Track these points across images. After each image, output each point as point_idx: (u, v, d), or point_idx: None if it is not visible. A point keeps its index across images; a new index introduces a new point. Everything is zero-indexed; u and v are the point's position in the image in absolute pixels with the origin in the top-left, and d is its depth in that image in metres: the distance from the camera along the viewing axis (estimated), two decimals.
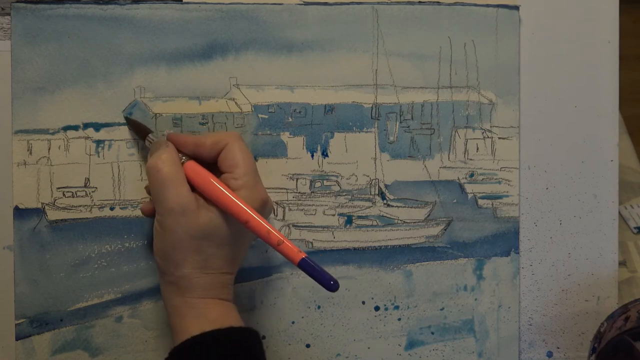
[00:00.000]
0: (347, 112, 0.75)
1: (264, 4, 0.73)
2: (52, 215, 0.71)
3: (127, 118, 0.72)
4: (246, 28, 0.73)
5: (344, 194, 0.75)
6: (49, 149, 0.72)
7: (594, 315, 0.79)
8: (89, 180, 0.72)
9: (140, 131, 0.70)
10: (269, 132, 0.74)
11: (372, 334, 0.77)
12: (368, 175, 0.75)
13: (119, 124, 0.72)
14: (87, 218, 0.72)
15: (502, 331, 0.78)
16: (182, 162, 0.65)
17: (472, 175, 0.77)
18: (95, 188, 0.72)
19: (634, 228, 0.96)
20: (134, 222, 0.73)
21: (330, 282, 0.62)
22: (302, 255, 0.62)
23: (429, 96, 0.76)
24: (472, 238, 0.77)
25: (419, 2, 0.75)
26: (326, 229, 0.75)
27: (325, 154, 0.75)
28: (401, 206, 0.76)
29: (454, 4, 0.76)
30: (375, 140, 0.75)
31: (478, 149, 0.77)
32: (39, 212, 0.71)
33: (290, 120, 0.74)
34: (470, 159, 0.77)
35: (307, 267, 0.62)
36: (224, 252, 0.65)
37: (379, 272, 0.76)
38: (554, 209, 0.78)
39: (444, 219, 0.77)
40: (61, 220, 0.72)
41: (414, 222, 0.76)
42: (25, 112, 0.71)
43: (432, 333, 0.77)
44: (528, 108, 0.78)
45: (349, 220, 0.76)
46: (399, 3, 0.75)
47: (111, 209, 0.72)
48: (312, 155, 0.75)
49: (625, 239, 0.93)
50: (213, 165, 0.67)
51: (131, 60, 0.72)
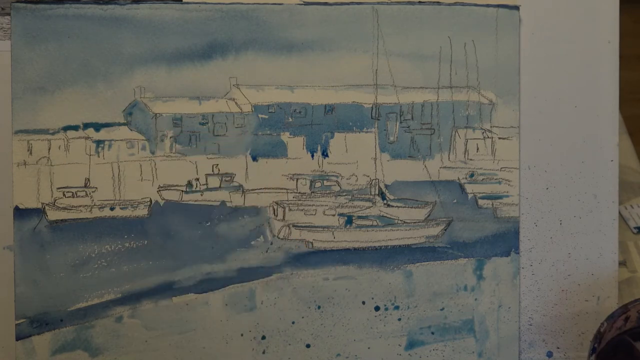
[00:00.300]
0: (347, 112, 0.75)
1: (264, 4, 0.73)
2: (52, 215, 0.71)
3: None
4: (246, 28, 0.73)
5: (344, 194, 0.75)
6: (49, 149, 0.72)
7: (594, 315, 0.79)
8: (89, 180, 0.72)
9: None
10: (269, 132, 0.74)
11: (372, 334, 0.76)
12: (368, 176, 0.75)
13: (119, 124, 0.72)
14: (87, 218, 0.72)
15: (502, 331, 0.78)
16: None
17: (472, 175, 0.77)
18: (95, 188, 0.72)
19: (634, 228, 0.96)
20: (134, 222, 0.73)
21: None
22: None
23: (429, 96, 0.76)
24: (472, 238, 0.77)
25: (419, 2, 0.75)
26: (326, 229, 0.75)
27: (325, 154, 0.75)
28: (401, 206, 0.76)
29: (454, 4, 0.76)
30: (376, 140, 0.75)
31: (478, 149, 0.77)
32: (39, 212, 0.71)
33: (290, 120, 0.74)
34: (471, 159, 0.77)
35: None
36: None
37: (379, 272, 0.76)
38: (554, 209, 0.78)
39: (444, 219, 0.77)
40: (61, 220, 0.72)
41: (414, 222, 0.76)
42: (25, 112, 0.71)
43: (432, 333, 0.77)
44: (528, 108, 0.78)
45: (349, 220, 0.76)
46: (399, 3, 0.75)
47: (111, 209, 0.72)
48: (312, 156, 0.75)
49: (625, 239, 0.93)
50: None
51: (131, 60, 0.72)
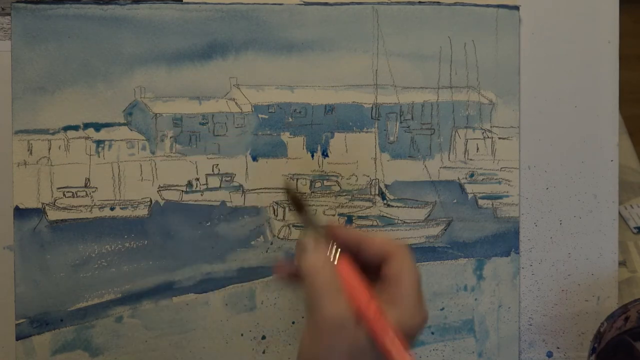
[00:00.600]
0: (347, 112, 0.75)
1: (264, 4, 0.73)
2: (52, 215, 0.71)
3: (288, 189, 0.68)
4: (246, 28, 0.73)
5: (344, 194, 0.75)
6: (49, 149, 0.72)
7: (594, 315, 0.79)
8: (89, 180, 0.72)
9: (298, 206, 0.63)
10: (269, 132, 0.74)
11: None
12: (368, 176, 0.75)
13: (119, 124, 0.72)
14: (87, 218, 0.72)
15: (502, 331, 0.78)
16: (335, 256, 0.58)
17: (472, 175, 0.77)
18: (96, 188, 0.72)
19: (634, 228, 0.96)
20: (134, 222, 0.73)
21: None
22: None
23: (429, 96, 0.76)
24: (472, 238, 0.77)
25: (419, 2, 0.75)
26: None
27: (325, 154, 0.75)
28: (401, 206, 0.76)
29: (454, 4, 0.76)
30: (376, 140, 0.75)
31: (478, 149, 0.77)
32: (39, 212, 0.71)
33: (290, 120, 0.74)
34: (471, 159, 0.77)
35: None
36: None
37: None
38: (554, 209, 0.78)
39: (444, 219, 0.77)
40: (61, 220, 0.72)
41: (414, 222, 0.76)
42: (25, 112, 0.71)
43: (432, 333, 0.77)
44: (528, 108, 0.78)
45: (349, 220, 0.76)
46: (399, 3, 0.75)
47: (111, 209, 0.72)
48: (312, 156, 0.75)
49: (625, 239, 0.93)
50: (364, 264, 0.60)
51: (131, 60, 0.72)
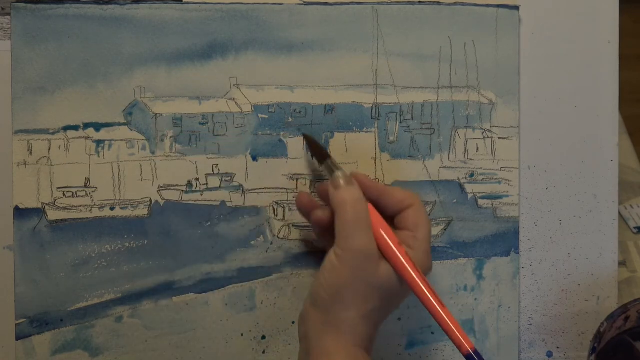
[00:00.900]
0: (347, 112, 0.75)
1: (264, 4, 0.73)
2: (52, 215, 0.71)
3: (306, 135, 0.72)
4: (246, 28, 0.73)
5: None
6: (49, 149, 0.72)
7: (594, 315, 0.79)
8: (89, 180, 0.72)
9: (318, 153, 0.69)
10: (269, 132, 0.74)
11: None
12: (368, 175, 0.75)
13: (119, 124, 0.72)
14: (87, 218, 0.72)
15: (502, 331, 0.78)
16: None
17: (472, 175, 0.77)
18: (96, 188, 0.72)
19: (634, 228, 0.96)
20: (134, 222, 0.73)
21: None
22: (471, 346, 0.62)
23: (429, 96, 0.76)
24: (472, 238, 0.77)
25: (419, 2, 0.75)
26: None
27: None
28: None
29: (454, 4, 0.76)
30: (376, 140, 0.75)
31: (478, 149, 0.77)
32: (39, 212, 0.71)
33: (290, 120, 0.74)
34: (470, 159, 0.77)
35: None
36: (386, 308, 0.64)
37: None
38: (554, 209, 0.78)
39: (444, 219, 0.77)
40: (61, 220, 0.72)
41: None
42: (25, 112, 0.71)
43: (433, 333, 0.77)
44: (528, 108, 0.78)
45: None
46: (399, 3, 0.75)
47: (111, 209, 0.72)
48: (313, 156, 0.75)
49: (625, 239, 0.93)
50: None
51: (131, 60, 0.72)
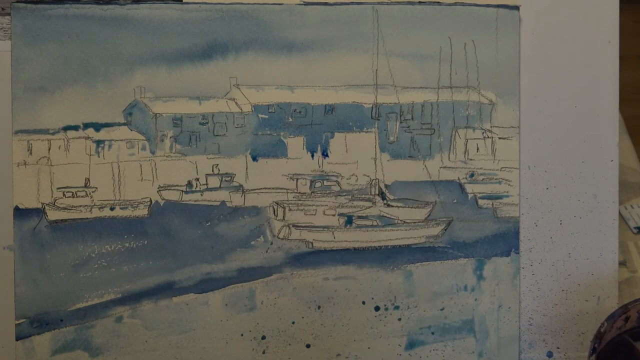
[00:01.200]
0: (347, 112, 0.75)
1: (264, 4, 0.73)
2: (52, 215, 0.71)
3: None
4: (246, 28, 0.73)
5: (344, 194, 0.75)
6: (49, 149, 0.72)
7: (594, 315, 0.79)
8: (89, 180, 0.72)
9: None
10: (269, 132, 0.74)
11: (372, 334, 0.76)
12: (368, 176, 0.75)
13: (119, 124, 0.72)
14: (87, 218, 0.72)
15: (502, 331, 0.78)
16: None
17: (472, 175, 0.77)
18: (95, 188, 0.72)
19: (634, 228, 0.96)
20: (134, 222, 0.73)
21: None
22: None
23: (429, 96, 0.76)
24: (472, 238, 0.77)
25: (419, 2, 0.75)
26: (326, 229, 0.75)
27: (325, 154, 0.75)
28: (401, 206, 0.76)
29: (454, 4, 0.76)
30: (376, 140, 0.75)
31: (478, 149, 0.77)
32: (39, 212, 0.71)
33: (290, 120, 0.74)
34: (471, 159, 0.77)
35: None
36: None
37: (379, 272, 0.76)
38: (554, 209, 0.78)
39: (444, 219, 0.77)
40: (61, 220, 0.72)
41: (414, 222, 0.76)
42: (25, 112, 0.71)
43: (432, 333, 0.77)
44: (528, 108, 0.78)
45: (349, 220, 0.76)
46: (399, 3, 0.75)
47: (111, 209, 0.72)
48: (312, 156, 0.75)
49: (625, 239, 0.93)
50: None
51: (131, 60, 0.72)
